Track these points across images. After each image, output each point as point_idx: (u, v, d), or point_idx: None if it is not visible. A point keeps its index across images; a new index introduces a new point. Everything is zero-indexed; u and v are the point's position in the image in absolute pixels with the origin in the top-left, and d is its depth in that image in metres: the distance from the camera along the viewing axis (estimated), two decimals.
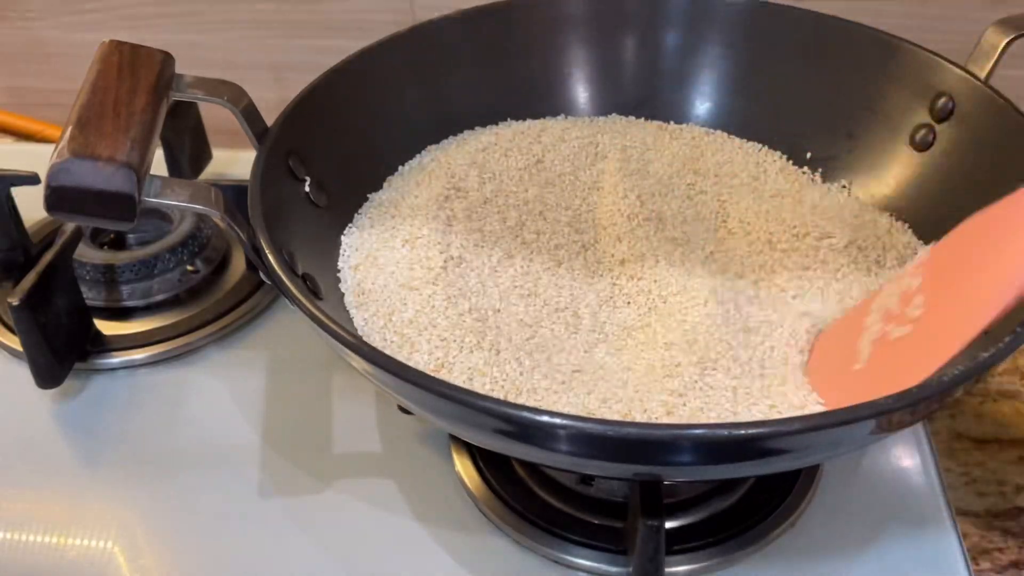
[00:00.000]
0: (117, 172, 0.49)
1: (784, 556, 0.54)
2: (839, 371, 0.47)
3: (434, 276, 0.57)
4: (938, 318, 0.42)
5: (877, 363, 0.45)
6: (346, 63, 0.64)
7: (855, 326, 0.47)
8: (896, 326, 0.45)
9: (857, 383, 0.46)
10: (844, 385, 0.46)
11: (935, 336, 0.41)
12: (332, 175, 0.61)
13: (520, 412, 0.42)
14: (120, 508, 0.58)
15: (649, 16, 0.70)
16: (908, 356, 0.43)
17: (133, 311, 0.69)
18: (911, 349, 0.43)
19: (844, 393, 0.45)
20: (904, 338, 0.44)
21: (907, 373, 0.41)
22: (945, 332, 0.41)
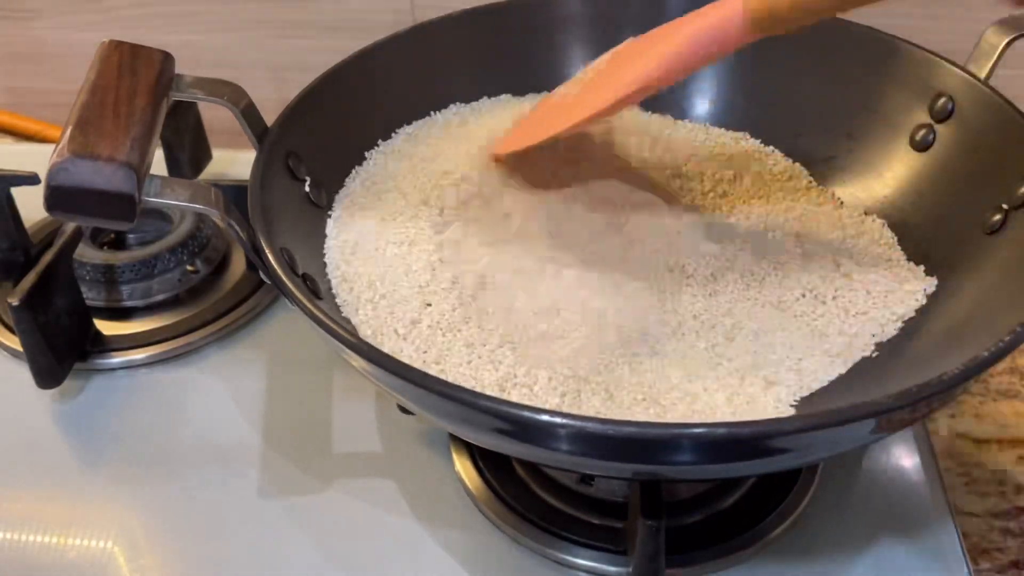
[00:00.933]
0: (117, 172, 0.49)
1: (784, 556, 0.54)
2: (538, 119, 0.60)
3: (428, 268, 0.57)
4: (605, 83, 0.56)
5: (551, 110, 0.59)
6: (346, 63, 0.64)
7: (554, 93, 0.61)
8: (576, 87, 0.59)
9: (543, 124, 0.58)
10: (539, 125, 0.58)
11: (593, 94, 0.55)
12: (332, 175, 0.61)
13: (520, 411, 0.42)
14: (120, 508, 0.58)
15: (649, 16, 0.69)
16: (578, 103, 0.56)
17: (133, 311, 0.69)
18: (581, 99, 0.57)
19: (537, 128, 0.58)
20: (579, 93, 0.58)
21: (567, 117, 0.56)
22: (599, 94, 0.55)
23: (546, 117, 0.57)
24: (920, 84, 0.62)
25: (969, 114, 0.60)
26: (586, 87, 0.56)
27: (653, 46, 0.54)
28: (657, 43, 0.53)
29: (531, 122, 0.58)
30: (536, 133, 0.56)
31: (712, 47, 0.51)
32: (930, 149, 0.62)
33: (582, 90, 0.56)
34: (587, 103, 0.54)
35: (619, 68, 0.55)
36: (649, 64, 0.53)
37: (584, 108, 0.54)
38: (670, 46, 0.52)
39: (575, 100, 0.56)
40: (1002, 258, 0.54)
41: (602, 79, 0.55)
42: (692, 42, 0.51)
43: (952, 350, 0.52)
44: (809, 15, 0.49)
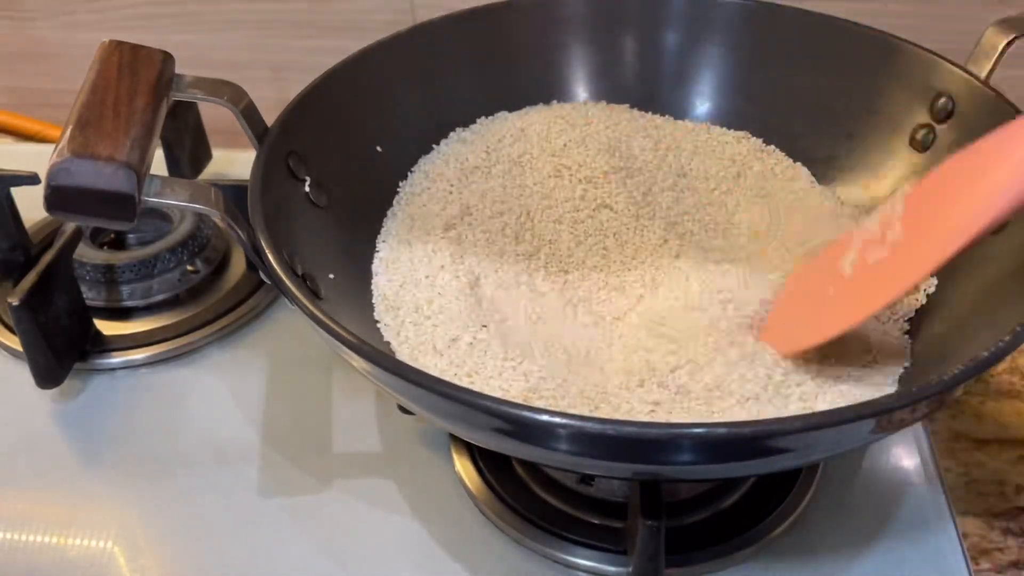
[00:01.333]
0: (117, 172, 0.49)
1: (784, 556, 0.54)
2: (814, 301, 0.48)
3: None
4: (914, 240, 0.44)
5: (854, 286, 0.47)
6: (346, 63, 0.64)
7: (833, 256, 0.49)
8: (875, 250, 0.46)
9: (832, 309, 0.47)
10: (818, 315, 0.48)
11: (910, 256, 0.43)
12: (332, 175, 0.61)
13: (520, 411, 0.42)
14: (120, 508, 0.58)
15: (649, 16, 0.70)
16: (883, 277, 0.45)
17: (133, 311, 0.69)
18: (887, 270, 0.45)
19: (815, 325, 0.47)
20: (882, 261, 0.46)
21: (881, 292, 0.44)
22: (922, 250, 0.43)
23: (837, 297, 0.46)
24: (920, 84, 0.62)
25: (969, 114, 0.60)
26: (887, 256, 0.44)
27: (975, 178, 0.42)
28: (977, 175, 0.42)
29: (807, 308, 0.47)
30: (831, 323, 0.46)
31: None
32: (930, 149, 0.62)
33: (884, 260, 0.44)
34: (895, 276, 0.43)
35: (929, 220, 0.43)
36: (978, 207, 0.41)
37: (894, 283, 0.44)
38: (1004, 179, 0.40)
39: (874, 274, 0.45)
40: (1002, 258, 0.54)
41: (913, 236, 0.44)
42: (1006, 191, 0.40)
43: (952, 350, 0.52)
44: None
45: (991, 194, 0.41)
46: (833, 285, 0.48)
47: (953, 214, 0.42)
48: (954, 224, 0.42)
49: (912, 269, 0.44)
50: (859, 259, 0.47)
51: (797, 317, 0.49)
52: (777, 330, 0.50)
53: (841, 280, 0.47)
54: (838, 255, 0.48)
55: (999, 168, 0.41)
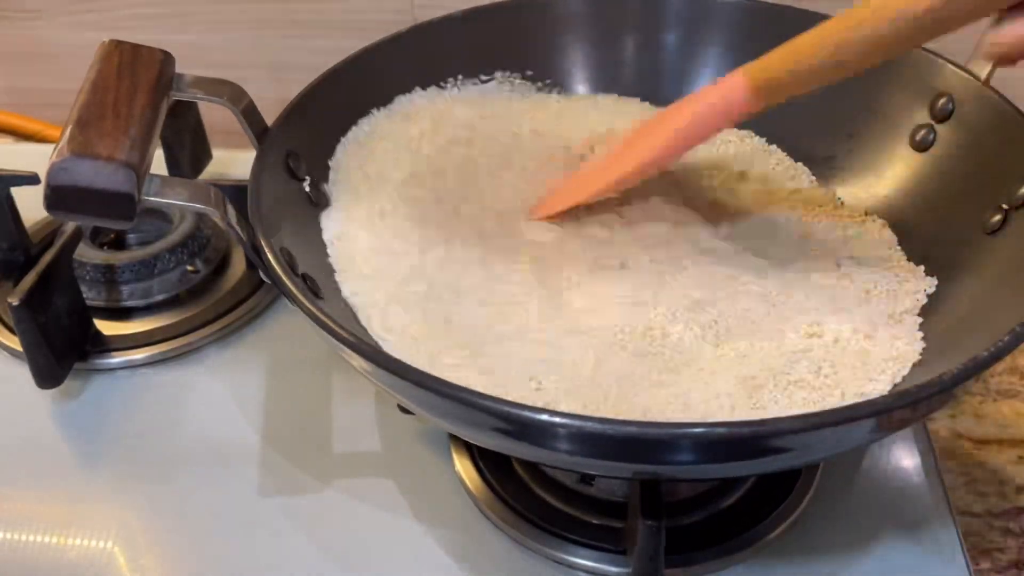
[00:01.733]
0: (117, 171, 0.49)
1: (784, 556, 0.54)
2: (573, 182, 0.63)
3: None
4: (619, 155, 0.61)
5: (575, 177, 0.64)
6: (346, 63, 0.64)
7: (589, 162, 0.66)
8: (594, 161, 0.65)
9: (558, 193, 0.62)
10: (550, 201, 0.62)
11: (613, 164, 0.61)
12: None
13: (519, 411, 0.42)
14: (120, 508, 0.58)
15: (649, 16, 0.70)
16: (593, 174, 0.62)
17: (133, 311, 0.69)
18: (596, 171, 0.63)
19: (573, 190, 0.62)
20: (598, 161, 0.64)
21: (592, 181, 0.61)
22: (621, 163, 0.60)
23: (575, 184, 0.62)
24: (920, 84, 0.62)
25: (969, 114, 0.60)
26: (608, 159, 0.62)
27: (666, 122, 0.59)
28: (668, 120, 0.59)
29: (563, 189, 0.62)
30: (567, 199, 0.61)
31: (718, 120, 0.57)
32: (930, 149, 0.62)
33: (604, 161, 0.63)
34: (608, 173, 0.61)
35: (637, 142, 0.60)
36: (660, 139, 0.58)
37: (605, 177, 0.60)
38: (679, 122, 0.58)
39: (598, 170, 0.62)
40: (1002, 258, 0.54)
41: (623, 151, 0.61)
42: (699, 118, 0.57)
43: (952, 350, 0.52)
44: (808, 83, 0.53)
45: (660, 140, 0.58)
46: (577, 180, 0.64)
47: (641, 147, 0.59)
48: (640, 152, 0.59)
49: (613, 172, 0.61)
50: (592, 162, 0.65)
51: (560, 192, 0.63)
52: (541, 205, 0.62)
53: (579, 174, 0.64)
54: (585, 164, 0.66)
55: (674, 120, 0.58)
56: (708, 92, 0.57)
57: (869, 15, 0.49)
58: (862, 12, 0.50)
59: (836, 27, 0.51)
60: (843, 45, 0.51)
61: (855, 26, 0.50)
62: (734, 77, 0.55)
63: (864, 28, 0.50)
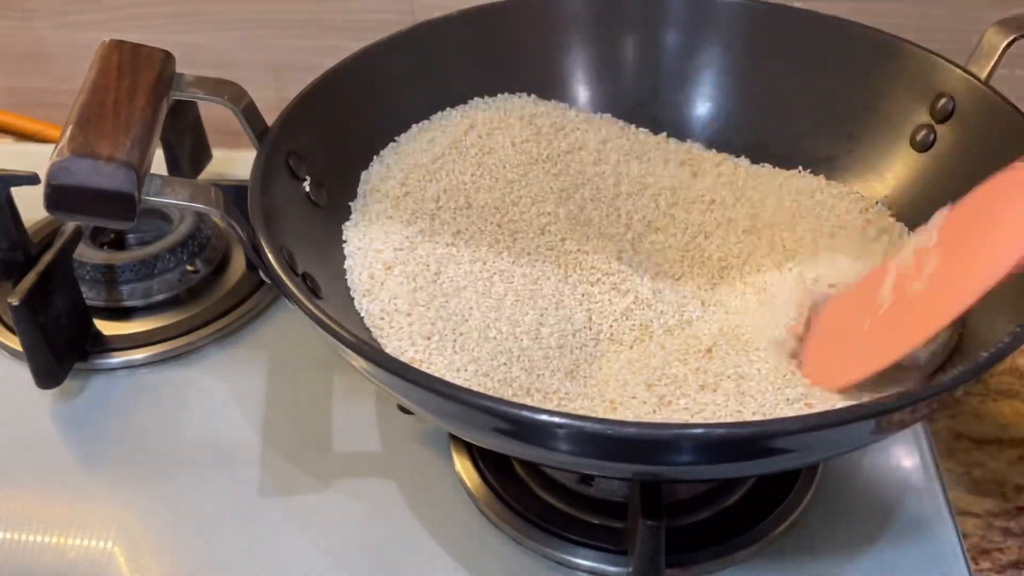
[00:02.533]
0: (117, 171, 0.49)
1: (784, 556, 0.54)
2: (850, 335, 0.47)
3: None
4: (951, 273, 0.42)
5: (891, 319, 0.45)
6: (346, 63, 0.64)
7: (869, 288, 0.48)
8: (912, 282, 0.45)
9: (869, 343, 0.46)
10: (855, 350, 0.46)
11: (948, 290, 0.42)
12: (332, 174, 0.61)
13: (520, 411, 0.42)
14: (120, 508, 0.58)
15: (649, 16, 0.70)
16: (922, 310, 0.43)
17: (133, 311, 0.69)
18: (926, 302, 0.43)
19: (854, 360, 0.45)
20: (920, 293, 0.44)
21: (920, 326, 0.42)
22: (957, 286, 0.41)
23: (874, 331, 0.45)
24: (921, 84, 0.62)
25: (969, 114, 0.60)
26: (925, 290, 0.44)
27: (1011, 203, 0.41)
28: (1011, 204, 0.41)
29: (843, 341, 0.46)
30: (869, 358, 0.44)
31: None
32: (931, 149, 0.62)
33: (921, 293, 0.44)
34: (934, 311, 0.42)
35: (965, 253, 0.42)
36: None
37: (933, 318, 0.43)
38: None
39: (911, 307, 0.44)
40: None
41: (951, 266, 0.43)
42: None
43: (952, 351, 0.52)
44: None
45: None
46: (869, 318, 0.46)
47: (991, 242, 0.41)
48: (993, 253, 0.40)
49: (952, 302, 0.42)
50: (896, 291, 0.45)
51: (833, 352, 0.47)
52: (815, 365, 0.48)
53: (877, 313, 0.46)
54: (874, 287, 0.47)
55: None
56: None
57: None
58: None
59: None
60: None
61: None
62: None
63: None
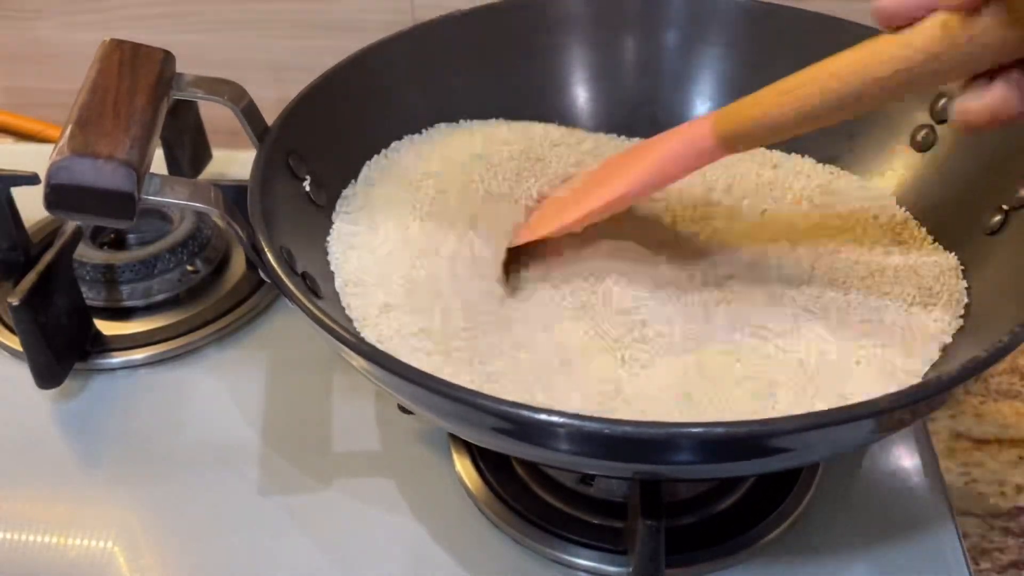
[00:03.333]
0: (117, 170, 0.49)
1: (784, 556, 0.54)
2: (552, 209, 0.63)
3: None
4: (590, 188, 0.61)
5: (550, 207, 0.63)
6: (346, 63, 0.64)
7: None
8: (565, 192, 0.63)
9: (535, 222, 0.62)
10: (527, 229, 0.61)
11: (585, 197, 0.60)
12: (332, 174, 0.61)
13: (519, 411, 0.42)
14: (120, 508, 0.58)
15: (649, 16, 0.70)
16: (567, 204, 0.61)
17: (133, 311, 0.69)
18: (569, 202, 0.61)
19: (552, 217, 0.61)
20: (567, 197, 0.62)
21: (565, 212, 0.60)
22: (592, 195, 0.59)
23: (550, 214, 0.62)
24: None
25: None
26: (578, 191, 0.62)
27: (634, 161, 0.59)
28: (638, 159, 0.59)
29: (539, 218, 0.62)
30: (540, 227, 0.61)
31: (685, 165, 0.56)
32: (931, 149, 0.62)
33: (575, 194, 0.62)
34: (580, 205, 0.60)
35: (606, 177, 0.60)
36: (628, 178, 0.58)
37: (578, 209, 0.59)
38: (647, 163, 0.57)
39: (568, 202, 0.61)
40: (1002, 259, 0.54)
41: (592, 185, 0.61)
42: (666, 161, 0.57)
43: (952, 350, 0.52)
44: (774, 135, 0.53)
45: (628, 179, 0.58)
46: (552, 210, 0.62)
47: (612, 182, 0.59)
48: (610, 187, 0.58)
49: (584, 205, 0.59)
50: (564, 193, 0.63)
51: (540, 219, 0.62)
52: (526, 228, 0.62)
53: (554, 204, 0.63)
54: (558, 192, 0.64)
55: (643, 159, 0.58)
56: (676, 136, 0.57)
57: (835, 73, 0.48)
58: (830, 67, 0.49)
59: (802, 81, 0.50)
60: (807, 101, 0.50)
61: (820, 86, 0.49)
62: (702, 126, 0.55)
63: (829, 88, 0.49)
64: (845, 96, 0.48)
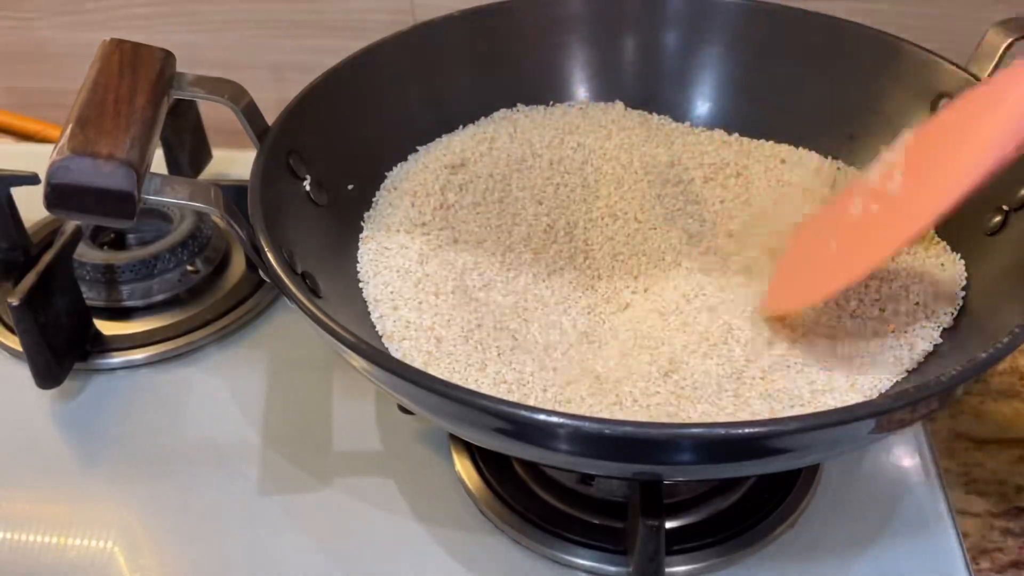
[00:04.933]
0: (117, 170, 0.49)
1: (784, 556, 0.54)
2: (817, 256, 0.47)
3: None
4: (917, 189, 0.43)
5: (857, 238, 0.45)
6: (346, 63, 0.64)
7: (836, 211, 0.48)
8: (877, 202, 0.45)
9: (835, 263, 0.46)
10: (821, 270, 0.46)
11: (913, 204, 0.42)
12: (332, 174, 0.61)
13: (519, 411, 0.42)
14: (120, 508, 0.58)
15: (649, 16, 0.70)
16: (885, 227, 0.44)
17: (133, 311, 0.69)
18: (889, 220, 0.44)
19: (819, 280, 0.46)
20: (883, 211, 0.44)
21: (884, 243, 0.43)
22: (923, 201, 0.42)
23: (840, 250, 0.45)
24: (921, 85, 0.62)
25: None
26: (886, 207, 0.43)
27: (972, 125, 0.41)
28: (975, 122, 0.41)
29: (810, 264, 0.46)
30: (826, 282, 0.44)
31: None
32: None
33: (882, 211, 0.43)
34: (897, 227, 0.42)
35: (929, 169, 0.42)
36: (980, 151, 0.40)
37: (896, 234, 0.42)
38: (996, 127, 0.40)
39: (875, 225, 0.43)
40: (1002, 259, 0.54)
41: (913, 185, 0.43)
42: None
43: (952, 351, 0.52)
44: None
45: (988, 139, 0.40)
46: (836, 239, 0.47)
47: (953, 162, 0.41)
48: (954, 172, 0.41)
49: (913, 219, 0.42)
50: (862, 211, 0.45)
51: (800, 274, 0.48)
52: (780, 290, 0.48)
53: (844, 233, 0.46)
54: (841, 209, 0.47)
55: (994, 113, 0.40)
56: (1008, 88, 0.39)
57: None
58: None
59: None
60: None
61: None
62: None
63: None
64: None
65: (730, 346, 0.53)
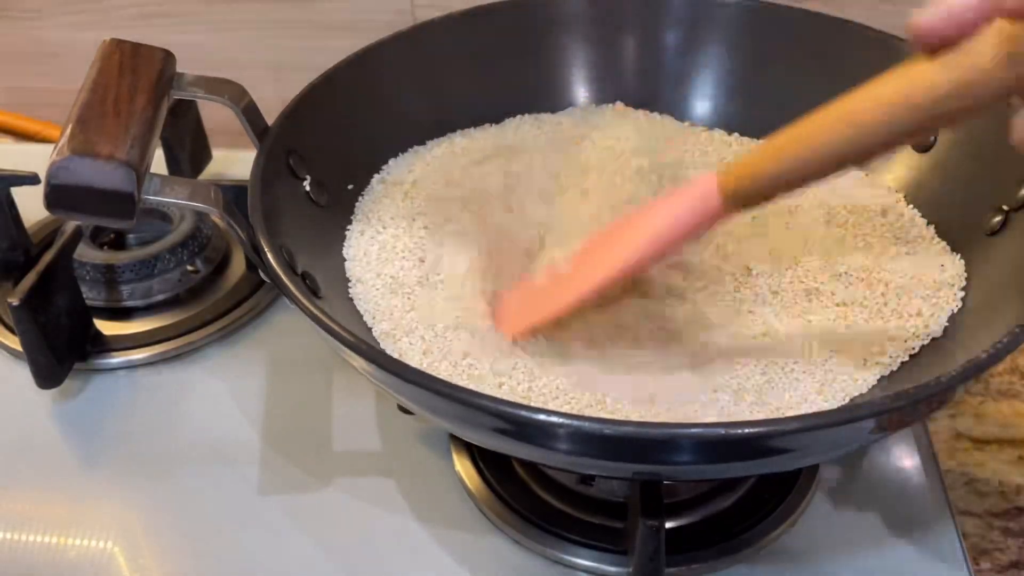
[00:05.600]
0: (117, 170, 0.49)
1: (784, 556, 0.54)
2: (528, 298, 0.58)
3: None
4: (578, 270, 0.56)
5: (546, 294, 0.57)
6: (346, 63, 0.64)
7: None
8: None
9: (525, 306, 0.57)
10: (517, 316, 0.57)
11: (583, 274, 0.55)
12: (332, 174, 0.61)
13: (519, 411, 0.42)
14: (120, 508, 0.58)
15: (649, 16, 0.70)
16: (562, 285, 0.56)
17: (133, 311, 0.69)
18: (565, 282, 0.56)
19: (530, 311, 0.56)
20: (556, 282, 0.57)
21: (560, 294, 0.55)
22: (592, 272, 0.54)
23: (544, 296, 0.57)
24: None
25: None
26: (576, 268, 0.56)
27: (637, 229, 0.53)
28: (641, 225, 0.53)
29: (531, 301, 0.57)
30: (534, 315, 0.56)
31: (692, 229, 0.51)
32: (931, 150, 0.62)
33: (572, 271, 0.56)
34: (577, 284, 0.55)
35: (606, 249, 0.55)
36: (632, 247, 0.53)
37: (575, 289, 0.54)
38: (652, 230, 0.52)
39: (566, 281, 0.56)
40: (1002, 259, 0.54)
41: (591, 260, 0.55)
42: (673, 226, 0.51)
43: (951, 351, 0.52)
44: (788, 187, 0.48)
45: (632, 248, 0.53)
46: (544, 292, 0.58)
47: (613, 255, 0.54)
48: (611, 262, 0.54)
49: (584, 283, 0.54)
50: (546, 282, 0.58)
51: (520, 312, 0.57)
52: (505, 318, 0.57)
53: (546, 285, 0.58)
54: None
55: (646, 226, 0.53)
56: (678, 200, 0.52)
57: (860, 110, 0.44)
58: (851, 107, 0.45)
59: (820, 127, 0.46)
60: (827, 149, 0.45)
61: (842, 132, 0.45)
62: (706, 184, 0.50)
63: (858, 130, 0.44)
64: (875, 137, 0.44)
65: None
